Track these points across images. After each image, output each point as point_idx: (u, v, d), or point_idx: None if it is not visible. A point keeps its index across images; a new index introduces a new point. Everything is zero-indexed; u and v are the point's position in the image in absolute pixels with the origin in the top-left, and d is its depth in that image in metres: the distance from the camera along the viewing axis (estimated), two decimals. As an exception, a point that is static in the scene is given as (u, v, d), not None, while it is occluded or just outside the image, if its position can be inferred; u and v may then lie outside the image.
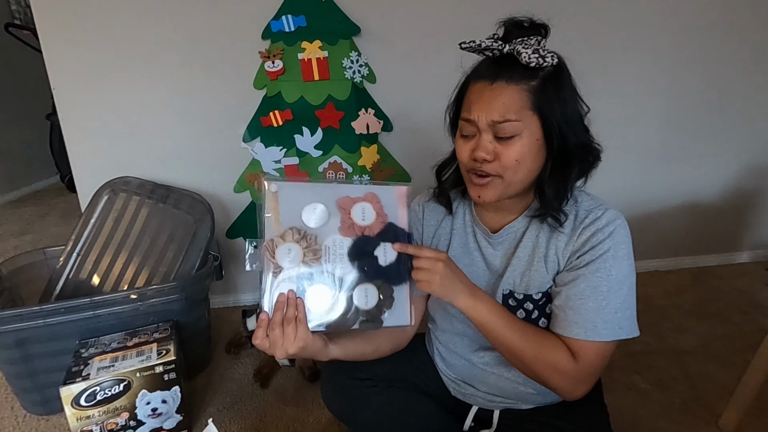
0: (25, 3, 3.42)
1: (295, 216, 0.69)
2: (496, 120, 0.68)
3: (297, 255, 0.68)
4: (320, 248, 0.69)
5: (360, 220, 0.71)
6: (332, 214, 0.70)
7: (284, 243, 0.68)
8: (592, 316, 0.69)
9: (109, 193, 1.51)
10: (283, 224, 0.68)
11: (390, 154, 1.66)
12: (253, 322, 1.56)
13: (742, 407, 1.13)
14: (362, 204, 0.72)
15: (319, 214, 0.69)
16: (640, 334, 0.72)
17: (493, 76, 0.69)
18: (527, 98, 0.68)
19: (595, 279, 0.70)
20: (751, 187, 1.95)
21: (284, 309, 0.66)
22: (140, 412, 1.13)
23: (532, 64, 0.67)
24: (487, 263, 0.82)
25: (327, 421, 1.24)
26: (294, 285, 0.67)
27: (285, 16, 1.47)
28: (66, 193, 3.35)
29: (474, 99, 0.71)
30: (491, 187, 0.73)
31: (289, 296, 0.66)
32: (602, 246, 0.70)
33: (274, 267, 0.67)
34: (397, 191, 0.74)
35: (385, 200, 0.73)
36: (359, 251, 0.70)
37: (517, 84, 0.68)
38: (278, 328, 0.65)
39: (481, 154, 0.70)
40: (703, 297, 1.81)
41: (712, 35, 1.69)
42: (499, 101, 0.68)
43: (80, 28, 1.45)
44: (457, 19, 1.53)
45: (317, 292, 0.69)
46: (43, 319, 1.16)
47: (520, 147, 0.69)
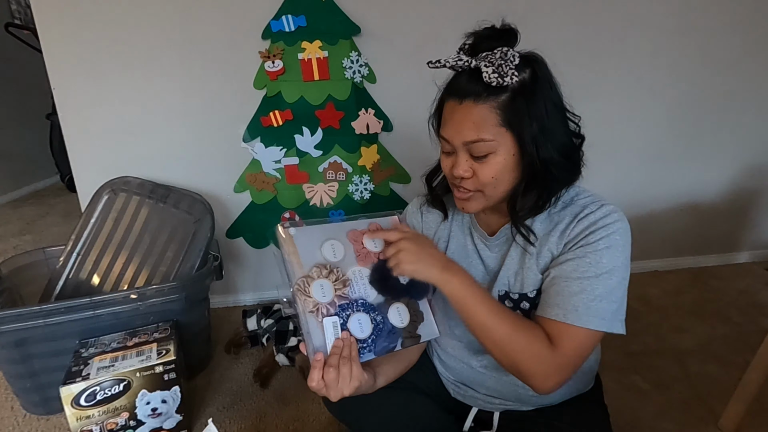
0: (25, 3, 3.43)
1: (315, 255, 0.73)
2: (468, 141, 0.68)
3: (330, 289, 0.71)
4: (348, 278, 0.73)
5: (373, 248, 0.76)
6: (346, 248, 0.75)
7: (315, 280, 0.70)
8: (573, 299, 0.67)
9: (109, 193, 1.51)
10: (305, 265, 0.71)
11: (390, 154, 1.66)
12: (253, 322, 1.56)
13: (742, 407, 1.13)
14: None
15: (337, 249, 0.74)
16: (626, 332, 0.68)
17: (462, 94, 0.68)
18: (497, 115, 0.66)
19: (583, 263, 0.68)
20: (751, 187, 1.95)
21: (340, 351, 0.67)
22: (140, 411, 1.13)
23: (493, 84, 0.65)
24: (485, 265, 0.82)
25: (327, 421, 1.24)
26: (336, 319, 0.70)
27: (285, 16, 1.47)
28: (66, 193, 3.35)
29: (447, 118, 0.71)
30: (473, 200, 0.74)
31: (343, 337, 0.68)
32: (596, 235, 0.69)
33: (312, 306, 0.68)
34: (392, 221, 0.81)
35: (386, 227, 0.79)
36: (381, 275, 0.74)
37: (485, 102, 0.66)
38: (335, 370, 0.65)
39: (458, 171, 0.71)
40: (703, 297, 1.81)
41: (712, 35, 1.69)
42: (469, 121, 0.67)
43: (80, 28, 1.45)
44: (457, 19, 1.53)
45: (358, 322, 0.71)
46: (43, 319, 1.16)
47: (496, 164, 0.69)
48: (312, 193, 1.66)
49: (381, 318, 0.73)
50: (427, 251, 0.72)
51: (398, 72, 1.58)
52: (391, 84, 1.59)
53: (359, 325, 0.71)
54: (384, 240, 0.76)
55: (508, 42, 0.68)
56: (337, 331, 0.69)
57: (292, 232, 0.73)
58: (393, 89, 1.59)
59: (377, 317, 0.73)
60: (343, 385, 0.65)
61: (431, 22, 1.54)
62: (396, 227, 0.78)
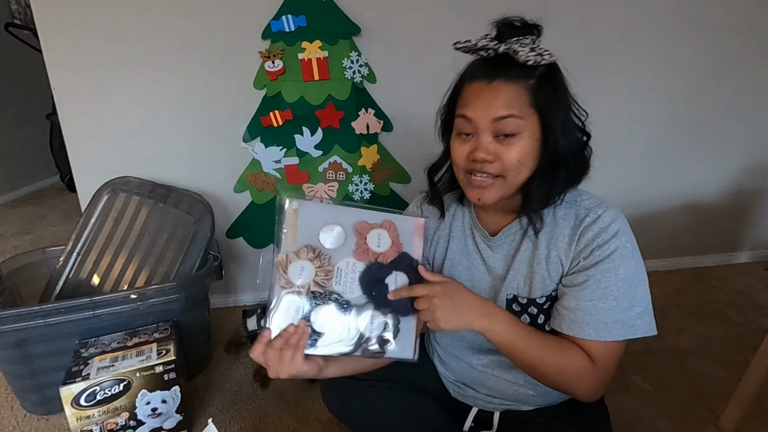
0: (25, 3, 3.42)
1: (312, 235, 0.70)
2: (498, 116, 0.67)
3: (309, 273, 0.68)
4: (333, 269, 0.69)
5: (375, 246, 0.71)
6: (349, 237, 0.71)
7: (298, 260, 0.68)
8: (602, 316, 0.68)
9: (109, 193, 1.51)
10: (300, 242, 0.69)
11: (390, 154, 1.66)
12: (253, 322, 1.56)
13: (742, 407, 1.13)
14: (379, 231, 0.71)
15: (335, 236, 0.70)
16: (657, 332, 0.71)
17: (491, 75, 0.68)
18: (526, 96, 0.67)
19: (604, 280, 0.69)
20: (751, 187, 1.95)
21: (288, 337, 0.66)
22: (140, 411, 1.13)
23: (530, 62, 0.66)
24: (487, 266, 0.81)
25: (327, 421, 1.24)
26: (302, 303, 0.68)
27: (285, 16, 1.47)
28: (66, 193, 3.35)
29: (471, 98, 0.69)
30: (493, 189, 0.71)
31: (299, 325, 0.67)
32: (608, 246, 0.69)
33: (285, 282, 0.68)
34: (415, 223, 0.74)
35: (402, 229, 0.72)
36: (371, 277, 0.70)
37: (515, 83, 0.67)
38: (276, 351, 0.66)
39: (480, 154, 0.68)
40: (703, 297, 1.81)
41: (712, 35, 1.69)
42: (500, 98, 0.67)
43: (80, 28, 1.45)
44: (457, 19, 1.53)
45: (324, 314, 0.69)
46: (43, 319, 1.16)
47: (522, 146, 0.68)
48: (312, 193, 1.66)
49: (351, 318, 0.70)
50: (463, 302, 0.68)
51: (398, 72, 1.58)
52: (391, 84, 1.59)
53: (324, 318, 0.68)
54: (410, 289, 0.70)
55: (532, 34, 0.70)
56: (297, 316, 0.67)
57: (296, 205, 0.70)
58: (393, 89, 1.59)
59: (346, 316, 0.70)
60: (280, 368, 0.66)
61: (431, 22, 1.54)
62: (424, 287, 0.69)
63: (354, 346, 0.69)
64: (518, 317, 0.76)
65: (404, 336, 0.71)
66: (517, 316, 0.76)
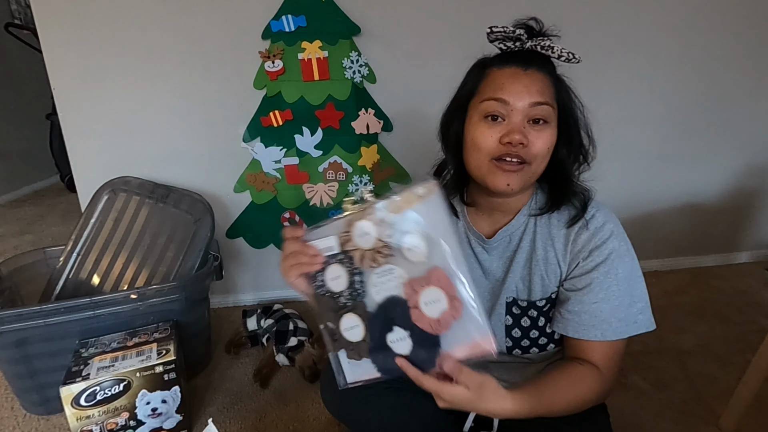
0: (25, 3, 3.42)
1: (406, 228, 0.61)
2: (536, 101, 0.68)
3: (367, 241, 0.62)
4: (381, 264, 0.62)
5: (423, 303, 0.60)
6: (422, 267, 0.61)
7: (372, 227, 0.62)
8: (606, 316, 0.70)
9: (109, 193, 1.51)
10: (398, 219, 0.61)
11: (390, 154, 1.66)
12: (253, 322, 1.56)
13: (742, 407, 1.13)
14: (442, 296, 0.59)
15: (416, 252, 0.61)
16: (656, 327, 0.73)
17: (526, 62, 0.70)
18: (554, 89, 0.70)
19: (606, 282, 0.71)
20: (751, 187, 1.95)
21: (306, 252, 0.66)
22: (140, 412, 1.13)
23: (563, 59, 0.70)
24: (483, 269, 0.81)
25: (327, 421, 1.24)
26: (335, 249, 0.64)
27: (285, 16, 1.47)
28: (66, 193, 3.35)
29: (506, 82, 0.69)
30: (521, 174, 0.70)
31: (317, 255, 0.66)
32: (606, 247, 0.71)
33: (345, 225, 0.63)
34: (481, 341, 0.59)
35: (463, 325, 0.59)
36: (389, 311, 0.62)
37: (546, 74, 0.70)
38: (293, 248, 0.66)
39: (517, 136, 0.67)
40: (703, 297, 1.81)
41: (711, 35, 1.69)
42: (537, 84, 0.69)
43: (80, 28, 1.45)
44: (458, 20, 1.53)
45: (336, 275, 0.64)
46: (43, 319, 1.16)
47: (549, 134, 0.70)
48: (312, 193, 1.66)
49: (344, 301, 0.64)
50: (468, 406, 0.62)
51: (398, 72, 1.58)
52: (391, 84, 1.59)
53: (335, 277, 0.64)
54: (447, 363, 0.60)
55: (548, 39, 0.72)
56: (325, 250, 0.64)
57: (422, 192, 0.60)
58: (393, 89, 1.59)
59: (345, 298, 0.64)
60: (285, 261, 0.66)
61: (431, 22, 1.54)
62: (453, 370, 0.59)
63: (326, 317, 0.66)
64: (518, 320, 0.76)
65: (357, 366, 0.64)
66: (517, 319, 0.76)
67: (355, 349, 0.64)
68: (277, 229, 1.70)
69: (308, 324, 1.52)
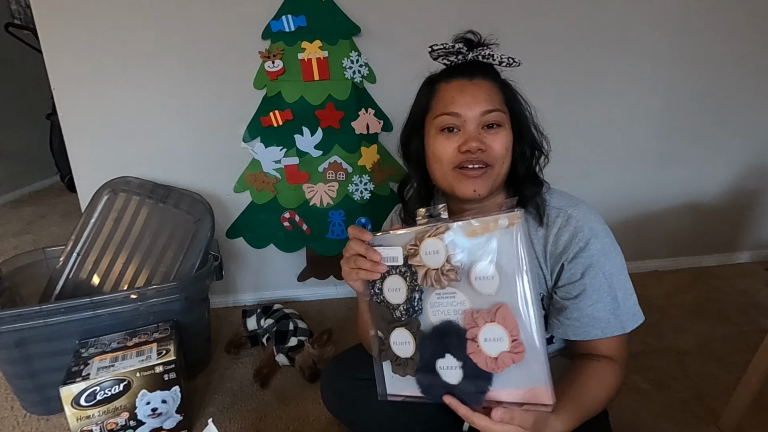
0: (25, 3, 3.42)
1: (479, 256, 0.58)
2: (486, 109, 0.71)
3: (435, 261, 0.60)
4: (446, 286, 0.60)
5: (482, 338, 0.57)
6: (488, 299, 0.58)
7: (443, 247, 0.60)
8: (606, 315, 0.72)
9: (109, 193, 1.51)
10: (471, 243, 0.58)
11: (390, 154, 1.65)
12: (253, 322, 1.56)
13: (742, 407, 1.13)
14: (505, 335, 0.55)
15: (486, 283, 0.57)
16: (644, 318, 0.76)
17: (470, 73, 0.74)
18: (501, 93, 0.74)
19: (596, 283, 0.72)
20: (751, 187, 1.95)
21: (371, 258, 0.65)
22: (140, 412, 1.13)
23: (503, 64, 0.74)
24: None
25: (327, 421, 1.24)
26: (399, 261, 0.63)
27: (285, 16, 1.47)
28: (66, 193, 3.35)
29: (455, 95, 0.73)
30: (486, 178, 0.73)
31: (380, 264, 0.65)
32: (590, 248, 0.71)
33: (414, 239, 0.62)
34: (538, 390, 0.55)
35: (521, 371, 0.55)
36: (444, 337, 0.60)
37: (491, 81, 0.74)
38: (358, 250, 0.66)
39: (473, 144, 0.70)
40: (703, 297, 1.81)
41: (711, 35, 1.69)
42: (484, 93, 0.72)
43: (80, 28, 1.45)
44: (458, 19, 1.52)
45: (396, 287, 0.63)
46: (43, 319, 1.17)
47: (505, 136, 0.73)
48: (312, 193, 1.66)
49: (399, 315, 0.63)
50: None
51: (398, 72, 1.57)
52: (391, 84, 1.59)
53: (394, 288, 0.63)
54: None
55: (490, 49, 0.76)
56: (388, 259, 0.63)
57: (505, 223, 0.56)
58: (393, 89, 1.59)
59: (401, 312, 0.62)
60: (344, 264, 0.68)
61: (431, 22, 1.54)
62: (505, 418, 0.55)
63: (378, 326, 0.66)
64: None
65: (399, 381, 0.63)
66: None
67: (402, 365, 0.63)
68: (277, 230, 1.70)
69: (308, 324, 1.52)
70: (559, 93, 1.68)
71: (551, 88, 1.65)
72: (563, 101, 1.69)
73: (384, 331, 0.64)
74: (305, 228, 1.69)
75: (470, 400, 0.58)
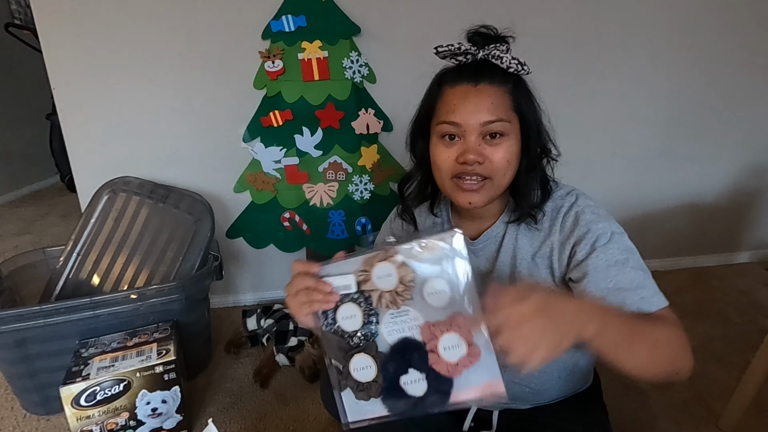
0: (25, 3, 3.42)
1: (428, 273, 0.61)
2: (487, 120, 0.68)
3: (388, 284, 0.62)
4: (401, 306, 0.62)
5: (442, 347, 0.60)
6: (442, 312, 0.61)
7: (395, 270, 0.61)
8: (630, 285, 0.66)
9: (109, 193, 1.51)
10: (418, 264, 0.61)
11: (390, 154, 1.66)
12: (253, 322, 1.56)
13: (742, 407, 1.13)
14: (462, 342, 0.59)
15: (438, 297, 0.60)
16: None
17: (476, 78, 0.69)
18: (509, 99, 0.70)
19: (615, 254, 0.67)
20: (751, 187, 1.95)
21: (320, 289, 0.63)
22: (140, 412, 1.13)
23: (512, 69, 0.69)
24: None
25: (327, 421, 1.24)
26: (352, 289, 0.63)
27: (285, 16, 1.47)
28: (66, 193, 3.35)
29: (457, 102, 0.70)
30: (483, 191, 0.71)
31: (332, 293, 0.63)
32: (596, 226, 0.69)
33: (366, 265, 0.62)
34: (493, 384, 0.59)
35: (477, 369, 0.59)
36: (404, 352, 0.62)
37: (498, 86, 0.69)
38: (303, 284, 0.63)
39: (471, 156, 0.68)
40: (703, 297, 1.81)
41: (711, 35, 1.69)
42: (487, 101, 0.68)
43: (80, 28, 1.45)
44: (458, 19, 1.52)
45: (351, 315, 0.64)
46: (43, 319, 1.17)
47: (508, 147, 0.70)
48: (312, 193, 1.66)
49: (357, 341, 0.64)
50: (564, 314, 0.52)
51: (398, 72, 1.58)
52: (391, 84, 1.59)
53: (349, 316, 0.63)
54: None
55: (504, 44, 0.72)
56: (340, 288, 0.63)
57: (457, 238, 0.59)
58: (393, 89, 1.59)
59: (359, 338, 0.63)
60: (292, 297, 0.63)
61: (431, 22, 1.54)
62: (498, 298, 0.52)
63: (335, 356, 0.65)
64: None
65: (362, 406, 0.64)
66: None
67: (365, 390, 0.64)
68: (278, 229, 1.70)
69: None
70: (560, 93, 1.67)
71: (552, 88, 1.63)
72: (564, 101, 1.69)
73: (341, 360, 0.64)
74: (305, 228, 1.69)
75: (437, 407, 0.61)
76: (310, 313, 0.64)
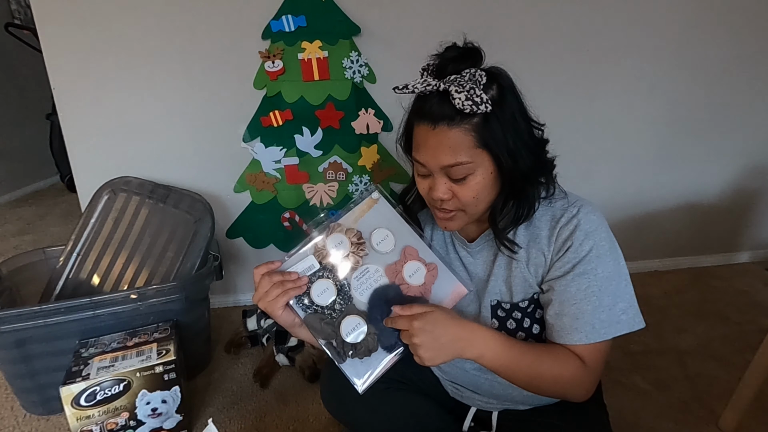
0: (25, 3, 3.42)
1: (369, 228, 0.74)
2: (445, 165, 0.68)
3: (342, 251, 0.72)
4: (360, 264, 0.72)
5: (408, 275, 0.73)
6: (395, 252, 0.74)
7: (344, 235, 0.72)
8: (588, 318, 0.68)
9: (109, 193, 1.51)
10: (357, 225, 0.74)
11: (390, 154, 1.66)
12: (253, 322, 1.56)
13: (742, 407, 1.13)
14: (420, 265, 0.73)
15: (385, 242, 0.74)
16: (645, 325, 0.71)
17: (434, 119, 0.66)
18: (473, 137, 0.66)
19: (583, 281, 0.69)
20: (751, 187, 1.95)
21: (287, 279, 0.69)
22: (140, 412, 1.13)
23: (466, 111, 0.63)
24: (469, 273, 0.82)
25: (327, 421, 1.24)
26: (316, 267, 0.71)
27: (285, 16, 1.47)
28: (66, 193, 3.35)
29: (420, 143, 0.70)
30: (456, 219, 0.74)
31: (299, 277, 0.70)
32: (583, 246, 0.69)
33: (320, 243, 0.72)
34: (456, 288, 0.74)
35: (441, 283, 0.73)
36: (383, 296, 0.71)
37: (459, 126, 0.65)
38: (270, 283, 0.68)
39: (438, 194, 0.70)
40: (703, 297, 1.81)
41: (711, 36, 1.69)
42: (445, 146, 0.66)
43: (80, 28, 1.45)
44: (458, 19, 1.53)
45: (323, 287, 0.71)
46: (43, 319, 1.16)
47: (475, 184, 0.69)
48: (312, 193, 1.66)
49: (338, 308, 0.71)
50: (446, 336, 0.65)
51: (398, 72, 1.57)
52: (391, 84, 1.57)
53: (320, 289, 0.71)
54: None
55: (473, 61, 0.67)
56: (305, 271, 0.71)
57: (376, 196, 0.75)
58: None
59: (339, 304, 0.71)
60: (263, 298, 0.69)
61: (431, 22, 1.54)
62: (402, 313, 0.68)
63: (324, 331, 0.70)
64: (504, 323, 0.76)
65: (369, 363, 0.70)
66: (503, 321, 0.76)
67: (364, 348, 0.69)
68: (278, 229, 1.70)
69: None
70: (560, 93, 1.67)
71: (552, 89, 1.65)
72: (564, 102, 1.69)
73: (331, 333, 0.70)
74: (305, 228, 1.69)
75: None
76: (284, 304, 0.69)
